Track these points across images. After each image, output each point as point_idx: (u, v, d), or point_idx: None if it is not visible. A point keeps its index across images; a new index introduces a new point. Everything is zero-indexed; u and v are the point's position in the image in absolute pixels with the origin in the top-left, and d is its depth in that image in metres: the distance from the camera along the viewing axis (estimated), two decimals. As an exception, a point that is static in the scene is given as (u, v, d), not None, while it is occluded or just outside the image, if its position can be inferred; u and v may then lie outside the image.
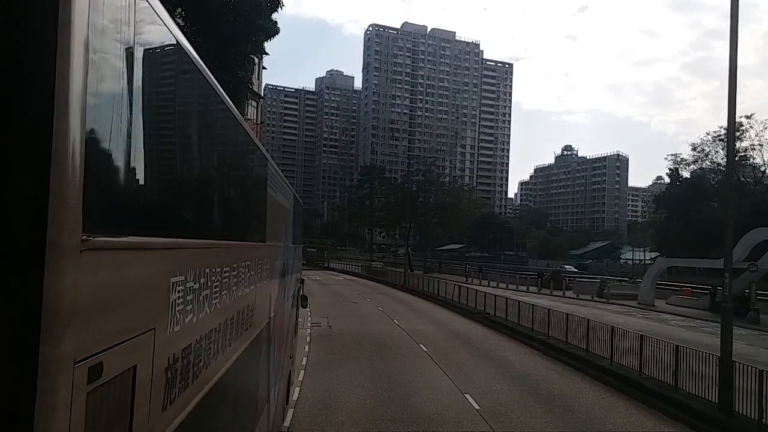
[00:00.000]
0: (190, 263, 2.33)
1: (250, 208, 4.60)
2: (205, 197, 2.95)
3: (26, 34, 1.22)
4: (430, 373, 14.27)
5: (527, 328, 20.14)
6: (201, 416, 2.57)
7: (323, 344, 17.37)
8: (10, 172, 1.20)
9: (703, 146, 64.02)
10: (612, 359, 14.42)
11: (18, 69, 1.23)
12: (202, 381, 2.61)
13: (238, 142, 3.93)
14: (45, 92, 1.20)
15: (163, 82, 2.20)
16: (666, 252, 74.65)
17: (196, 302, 2.41)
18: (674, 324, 25.93)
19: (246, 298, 3.98)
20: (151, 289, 1.88)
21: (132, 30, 1.64)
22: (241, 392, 4.04)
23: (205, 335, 2.66)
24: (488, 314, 24.85)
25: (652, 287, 34.10)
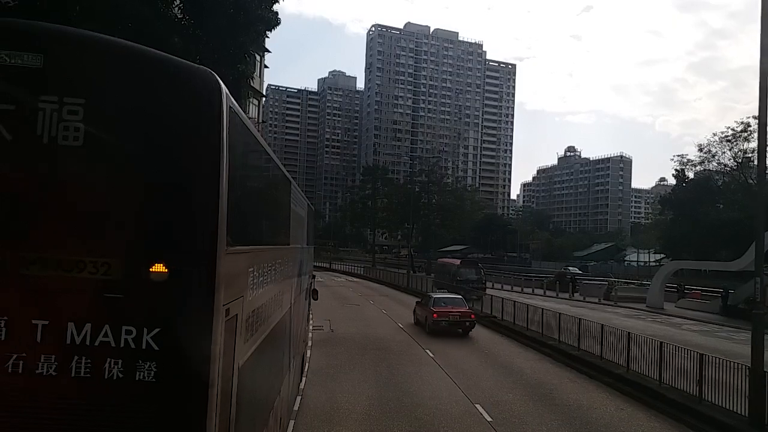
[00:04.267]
0: (256, 260, 4.21)
1: (282, 221, 6.42)
2: (264, 223, 5.11)
3: (199, 133, 3.05)
4: (438, 380, 13.60)
5: (536, 333, 19.46)
6: (261, 350, 4.56)
7: (325, 349, 16.70)
8: (204, 225, 3.00)
9: (710, 147, 63.15)
10: (628, 366, 13.73)
11: (198, 156, 3.03)
12: (262, 330, 4.61)
13: (279, 183, 6.16)
14: (214, 176, 2.99)
15: (249, 163, 4.14)
16: (671, 254, 73.95)
17: (260, 284, 4.38)
18: (686, 329, 25.20)
19: (281, 285, 6.03)
20: (243, 275, 3.70)
21: (234, 127, 3.29)
22: (277, 344, 6.13)
23: (264, 303, 4.69)
24: (495, 318, 24.16)
25: (661, 290, 33.38)
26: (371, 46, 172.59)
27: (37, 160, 2.96)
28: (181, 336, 2.96)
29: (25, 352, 2.87)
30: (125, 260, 2.94)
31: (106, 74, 3.09)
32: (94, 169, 2.98)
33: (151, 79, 3.13)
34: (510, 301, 23.74)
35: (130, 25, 14.34)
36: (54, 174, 2.97)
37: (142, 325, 2.92)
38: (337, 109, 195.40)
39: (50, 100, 2.95)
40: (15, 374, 2.84)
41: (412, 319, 24.88)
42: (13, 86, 2.94)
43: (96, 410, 2.89)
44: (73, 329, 2.90)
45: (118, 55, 3.15)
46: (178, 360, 2.93)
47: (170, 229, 3.03)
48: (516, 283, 46.46)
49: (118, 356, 2.89)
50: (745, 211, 59.93)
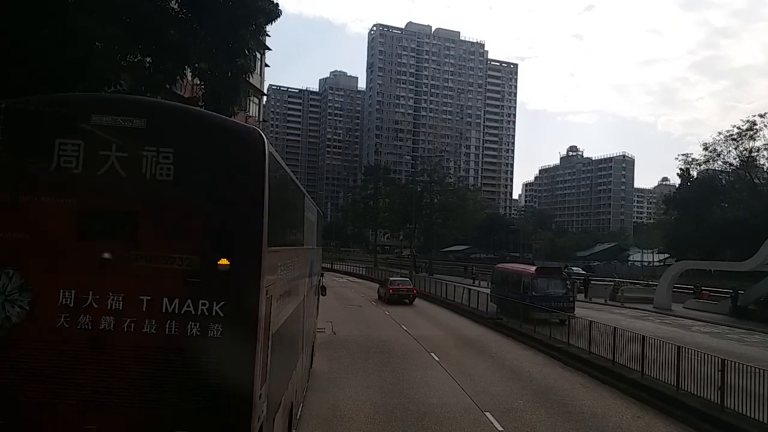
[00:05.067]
0: (283, 258, 5.75)
1: (299, 227, 7.68)
2: (287, 230, 6.39)
3: (250, 171, 4.51)
4: (445, 386, 13.05)
5: (544, 335, 18.89)
6: (284, 325, 5.93)
7: (327, 352, 16.10)
8: (253, 233, 4.44)
9: (715, 146, 62.58)
10: (643, 371, 13.18)
11: (249, 187, 4.47)
12: (286, 311, 6.11)
13: (297, 197, 7.55)
14: (260, 202, 4.44)
15: (279, 187, 5.32)
16: (676, 253, 73.31)
17: (286, 275, 5.96)
18: (696, 330, 24.64)
19: (298, 278, 7.60)
20: (275, 268, 5.16)
21: (271, 165, 4.73)
22: (295, 324, 7.47)
23: (287, 290, 6.21)
24: (500, 319, 23.63)
25: (668, 291, 32.81)
26: (372, 46, 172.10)
27: (143, 190, 4.43)
28: (238, 307, 4.41)
29: (136, 317, 4.32)
30: (202, 256, 4.38)
31: (188, 132, 4.63)
32: (181, 196, 4.46)
33: (218, 134, 4.66)
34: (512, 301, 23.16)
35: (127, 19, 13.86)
36: (154, 199, 4.44)
37: (212, 299, 4.34)
38: (338, 109, 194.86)
39: (151, 150, 4.44)
40: (129, 332, 4.31)
41: (416, 321, 24.41)
42: (127, 140, 4.45)
43: (181, 356, 4.31)
44: (167, 302, 4.35)
45: (194, 118, 4.93)
46: (236, 323, 4.36)
47: (231, 236, 4.46)
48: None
49: (197, 320, 4.32)
50: (750, 210, 59.34)
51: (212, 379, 4.29)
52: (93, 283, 4.34)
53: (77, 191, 4.38)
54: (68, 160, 4.41)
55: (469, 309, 27.76)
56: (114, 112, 4.53)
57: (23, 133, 4.48)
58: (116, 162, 4.42)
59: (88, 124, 4.45)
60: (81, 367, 4.27)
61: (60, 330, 4.29)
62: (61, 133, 4.43)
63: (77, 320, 4.31)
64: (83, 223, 4.38)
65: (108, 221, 4.41)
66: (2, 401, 4.22)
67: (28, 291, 4.32)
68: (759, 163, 62.33)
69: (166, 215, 4.45)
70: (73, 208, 4.37)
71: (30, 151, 4.45)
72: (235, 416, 4.33)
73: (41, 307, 4.31)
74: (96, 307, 4.33)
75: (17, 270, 4.33)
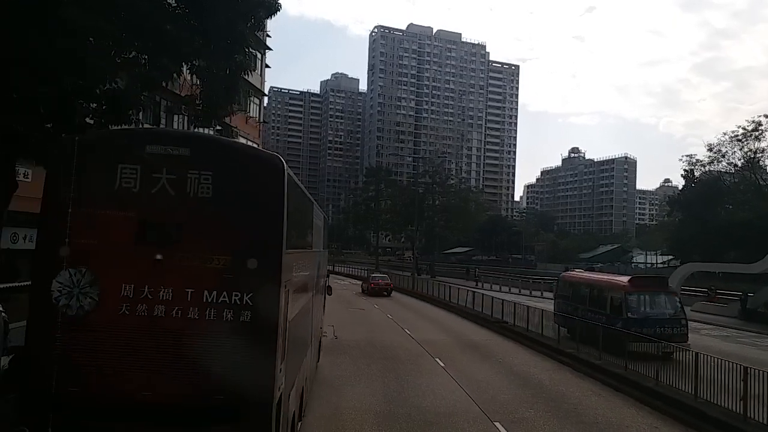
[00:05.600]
0: (297, 258, 6.91)
1: (308, 233, 8.70)
2: (300, 235, 7.41)
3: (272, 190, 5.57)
4: (451, 394, 12.52)
5: (553, 340, 18.35)
6: (298, 315, 7.15)
7: (329, 358, 15.56)
8: (275, 238, 5.54)
9: (720, 147, 61.97)
10: (658, 378, 12.65)
11: (272, 202, 5.55)
12: (299, 303, 7.27)
13: (308, 207, 8.70)
14: (281, 214, 5.54)
15: (295, 200, 6.29)
16: (680, 255, 72.72)
17: (299, 273, 7.18)
18: (705, 334, 24.08)
19: (308, 276, 8.82)
20: (292, 266, 6.30)
21: (289, 184, 5.82)
22: (306, 316, 8.68)
23: (300, 286, 7.42)
24: (506, 323, 23.08)
25: (676, 293, 32.18)
26: (374, 48, 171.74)
27: (187, 205, 5.38)
28: (263, 298, 5.31)
29: (182, 306, 5.24)
30: (234, 257, 5.31)
31: (223, 158, 5.60)
32: (217, 210, 5.39)
33: (247, 160, 5.73)
34: (522, 306, 22.61)
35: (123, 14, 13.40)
36: (196, 212, 5.39)
37: (243, 291, 5.25)
38: (339, 111, 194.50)
39: (194, 173, 5.38)
40: (177, 318, 5.23)
41: (419, 325, 23.94)
42: (175, 165, 5.38)
43: (218, 336, 5.23)
44: (206, 294, 5.25)
45: (228, 147, 6.30)
46: (261, 311, 5.27)
47: (257, 241, 5.40)
48: (524, 286, 45.32)
49: (230, 308, 5.24)
50: (755, 211, 58.73)
51: (243, 354, 5.29)
52: (148, 279, 5.32)
53: (135, 206, 5.42)
54: (128, 181, 5.44)
55: (473, 312, 27.24)
56: (164, 143, 5.65)
57: (92, 160, 5.52)
58: (166, 182, 5.45)
59: (144, 152, 5.50)
60: (138, 345, 5.28)
61: (122, 316, 5.29)
62: (122, 159, 5.47)
63: (135, 308, 5.30)
64: (140, 231, 5.43)
65: (160, 230, 5.47)
66: (79, 371, 5.23)
67: (97, 285, 5.31)
68: (764, 164, 61.70)
69: (205, 225, 5.47)
70: (132, 220, 5.42)
71: (98, 174, 5.45)
72: (261, 383, 5.32)
73: (107, 298, 5.31)
74: (150, 298, 5.31)
75: (89, 268, 5.32)
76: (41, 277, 5.41)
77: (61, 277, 5.26)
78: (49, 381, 5.15)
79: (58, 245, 5.29)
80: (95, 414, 5.18)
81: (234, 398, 5.21)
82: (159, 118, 26.55)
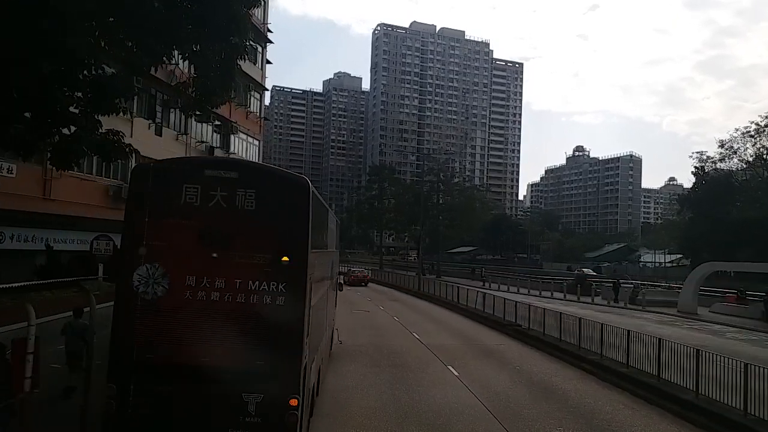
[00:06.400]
0: (317, 257, 8.33)
1: (325, 236, 10.27)
2: (318, 237, 8.52)
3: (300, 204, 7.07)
4: (470, 410, 11.26)
5: (572, 345, 17.12)
6: (317, 303, 8.68)
7: (334, 365, 14.38)
8: (303, 241, 7.03)
9: (731, 143, 60.65)
10: (698, 391, 11.42)
11: (300, 213, 7.05)
12: (318, 294, 8.85)
13: (325, 213, 10.28)
14: (307, 222, 7.01)
15: (316, 211, 7.68)
16: (690, 254, 71.28)
17: (319, 268, 8.82)
18: (731, 337, 22.85)
19: (324, 272, 10.62)
20: (315, 263, 7.76)
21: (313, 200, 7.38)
22: (323, 304, 10.49)
23: (320, 278, 9.32)
24: (519, 326, 21.87)
25: (694, 294, 30.95)
26: (377, 46, 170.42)
27: (236, 216, 6.88)
28: (293, 287, 6.83)
29: (232, 292, 6.71)
30: (272, 255, 6.79)
31: (263, 180, 7.22)
32: (259, 219, 6.91)
33: (281, 181, 7.30)
34: (538, 308, 21.38)
35: None
36: (243, 221, 6.89)
37: (278, 282, 6.75)
38: (342, 110, 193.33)
39: (241, 191, 6.88)
40: (228, 301, 6.69)
41: (428, 328, 22.76)
42: (226, 185, 6.89)
43: (260, 316, 6.69)
44: (251, 283, 6.73)
45: (267, 171, 7.97)
46: (293, 296, 6.79)
47: (289, 243, 6.93)
48: (533, 287, 44.06)
49: (269, 294, 6.73)
50: (767, 209, 57.33)
51: (278, 329, 6.66)
52: (206, 272, 6.64)
53: (196, 216, 6.77)
54: (191, 198, 6.78)
55: (484, 314, 26.02)
56: (218, 168, 7.04)
57: (164, 181, 6.88)
58: (220, 198, 6.79)
59: (203, 175, 6.86)
60: (199, 323, 6.60)
61: (186, 301, 6.61)
62: (186, 181, 6.81)
63: (197, 294, 6.63)
64: (200, 236, 6.77)
65: (215, 234, 6.78)
66: (153, 344, 6.53)
67: (167, 277, 6.60)
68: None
69: (250, 231, 6.82)
70: (194, 227, 6.77)
71: (168, 192, 6.80)
72: (292, 351, 6.72)
73: (175, 286, 6.61)
74: (208, 287, 6.63)
75: (161, 264, 6.61)
76: (125, 270, 6.71)
77: (140, 270, 6.64)
78: (130, 350, 6.59)
79: (138, 246, 6.70)
80: (167, 375, 6.57)
81: (271, 363, 6.66)
82: (155, 112, 25.42)
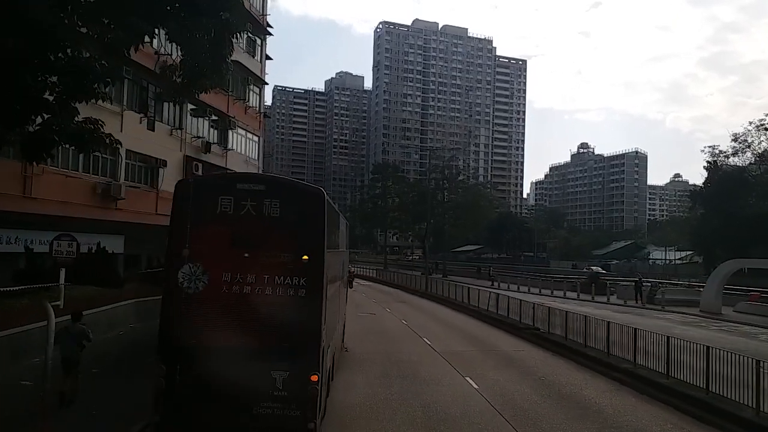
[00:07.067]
0: (332, 256, 9.48)
1: (337, 237, 11.34)
2: (332, 239, 9.83)
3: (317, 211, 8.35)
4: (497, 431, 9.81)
5: (600, 351, 15.61)
6: (332, 295, 9.56)
7: (339, 378, 12.86)
8: (319, 242, 8.26)
9: (745, 136, 58.84)
10: (758, 407, 9.93)
11: (317, 219, 8.30)
12: (334, 287, 10.44)
13: (337, 218, 11.63)
14: (322, 227, 8.27)
15: (330, 218, 9.06)
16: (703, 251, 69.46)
17: (332, 265, 9.83)
18: (765, 339, 21.29)
19: (337, 270, 11.71)
20: (329, 261, 8.87)
21: (328, 207, 8.73)
22: (336, 297, 11.46)
23: (333, 274, 10.21)
24: (538, 330, 20.35)
25: (718, 293, 29.38)
26: (379, 44, 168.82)
27: (264, 221, 8.01)
28: (313, 281, 7.94)
29: (262, 286, 7.83)
30: (294, 254, 7.92)
31: (286, 191, 8.43)
32: (283, 224, 8.03)
33: (301, 192, 8.62)
34: (553, 309, 19.88)
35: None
36: (269, 226, 8.01)
37: (300, 277, 7.86)
38: (344, 109, 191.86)
39: (267, 201, 8.04)
40: (258, 294, 7.83)
41: (439, 332, 21.29)
42: (255, 196, 8.06)
43: (285, 306, 7.79)
44: (277, 278, 7.84)
45: (290, 184, 9.06)
46: (312, 289, 7.91)
47: (308, 244, 8.05)
48: (544, 286, 42.48)
49: (292, 287, 7.84)
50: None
51: (301, 317, 7.92)
52: (239, 269, 7.90)
53: (230, 222, 8.08)
54: (225, 207, 8.08)
55: (497, 317, 24.49)
56: (248, 182, 8.50)
57: (203, 194, 8.27)
58: (250, 207, 8.06)
59: (235, 188, 8.21)
60: (234, 312, 7.87)
61: (222, 294, 7.88)
62: (221, 193, 8.15)
63: (232, 288, 7.89)
64: (233, 239, 8.06)
65: (246, 238, 8.05)
66: (196, 330, 7.80)
67: (206, 274, 7.87)
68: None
69: (275, 234, 8.06)
70: (228, 232, 8.08)
71: (206, 203, 8.15)
72: (312, 335, 8.00)
73: (212, 282, 7.87)
74: (241, 281, 7.89)
75: (201, 263, 7.87)
76: (171, 268, 7.85)
77: (184, 268, 7.78)
78: (177, 336, 7.76)
79: (182, 248, 7.84)
80: (207, 356, 7.64)
81: (295, 345, 7.80)
82: (147, 105, 23.97)
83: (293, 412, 7.62)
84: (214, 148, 28.88)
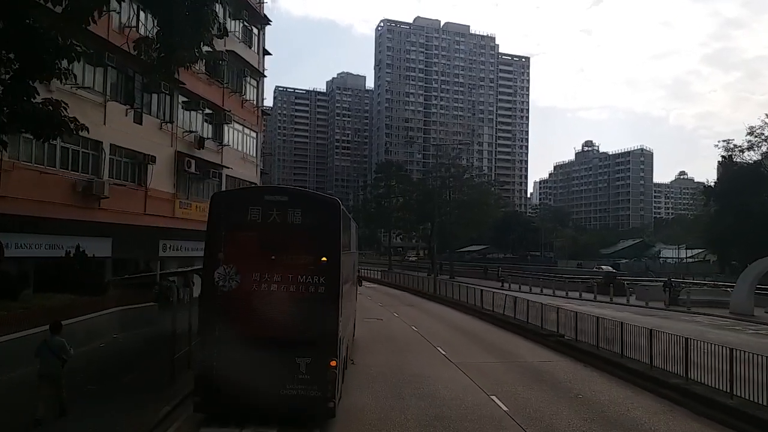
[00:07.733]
0: (345, 257, 10.79)
1: (349, 239, 12.30)
2: (346, 242, 11.02)
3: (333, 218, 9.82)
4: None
5: (642, 364, 13.73)
6: (347, 291, 11.60)
7: (346, 396, 10.99)
8: (336, 245, 9.72)
9: (762, 129, 56.79)
10: None
11: (333, 226, 9.79)
12: (347, 285, 12.00)
13: (349, 222, 12.98)
14: (338, 232, 9.76)
15: (344, 224, 10.48)
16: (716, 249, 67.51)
17: (346, 265, 11.12)
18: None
19: (349, 269, 12.89)
20: (344, 262, 10.40)
21: (343, 215, 10.33)
22: (349, 294, 12.84)
23: (347, 273, 11.85)
24: (562, 337, 18.47)
25: (750, 293, 27.44)
26: (380, 42, 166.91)
27: (288, 228, 9.43)
28: (330, 280, 9.32)
29: (286, 284, 9.23)
30: (314, 256, 9.31)
31: (307, 201, 10.17)
32: (305, 231, 9.46)
33: (320, 202, 10.42)
34: (577, 313, 18.00)
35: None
36: (293, 232, 9.44)
37: (320, 276, 9.23)
38: (346, 109, 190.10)
39: (290, 210, 9.50)
40: (284, 291, 9.22)
41: (454, 341, 19.44)
42: (280, 206, 9.54)
43: (307, 302, 9.19)
44: (299, 277, 9.22)
45: (310, 195, 12.02)
46: (330, 287, 9.28)
47: (327, 247, 9.45)
48: (557, 287, 40.56)
49: (313, 285, 9.21)
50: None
51: (320, 311, 9.15)
52: (267, 270, 9.16)
53: (259, 230, 9.37)
54: (254, 216, 9.37)
55: (515, 322, 22.59)
56: (274, 194, 9.98)
57: (235, 205, 9.83)
58: (276, 216, 9.36)
59: (263, 199, 9.60)
60: (262, 306, 9.04)
61: (252, 291, 9.12)
62: (251, 204, 9.48)
63: (261, 286, 9.15)
64: (262, 244, 9.33)
65: (273, 243, 9.30)
66: (230, 322, 9.10)
67: (239, 274, 9.11)
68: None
69: (298, 239, 9.36)
70: (256, 237, 9.37)
71: (238, 213, 9.48)
72: (331, 327, 9.24)
73: (244, 281, 9.12)
74: (268, 280, 9.13)
75: (234, 265, 9.12)
76: (208, 269, 9.23)
77: (219, 269, 9.14)
78: (215, 328, 9.14)
79: (218, 252, 9.27)
80: (239, 344, 8.95)
81: (316, 335, 9.10)
82: (133, 96, 22.17)
83: (315, 393, 8.92)
84: (209, 143, 27.05)
